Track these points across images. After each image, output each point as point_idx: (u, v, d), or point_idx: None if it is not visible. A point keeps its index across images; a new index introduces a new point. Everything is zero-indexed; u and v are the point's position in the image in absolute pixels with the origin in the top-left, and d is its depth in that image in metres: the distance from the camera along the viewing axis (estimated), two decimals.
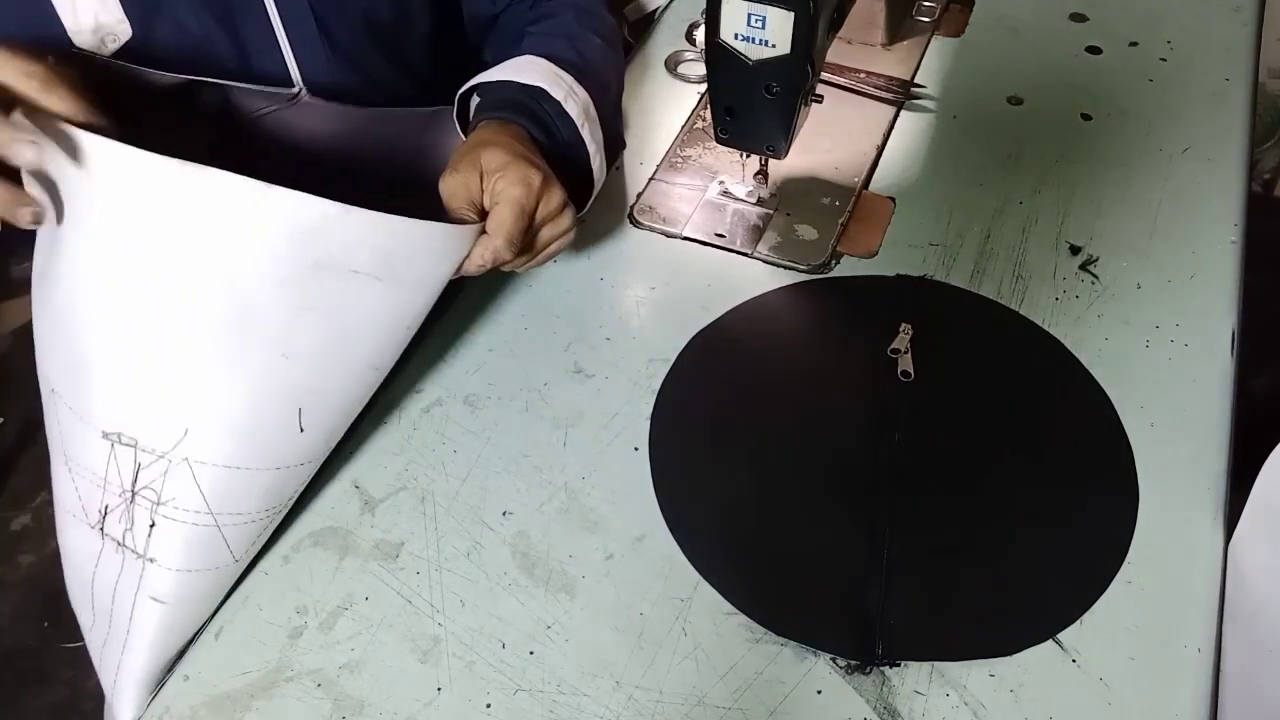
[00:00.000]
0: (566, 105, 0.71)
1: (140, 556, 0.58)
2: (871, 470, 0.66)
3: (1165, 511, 0.64)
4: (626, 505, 0.65)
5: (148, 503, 0.57)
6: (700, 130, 0.90)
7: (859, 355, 0.73)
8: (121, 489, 0.57)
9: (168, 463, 0.57)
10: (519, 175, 0.63)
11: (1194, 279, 0.77)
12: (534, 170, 0.64)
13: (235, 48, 0.68)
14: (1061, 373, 0.71)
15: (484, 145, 0.65)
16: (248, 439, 0.58)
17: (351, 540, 0.64)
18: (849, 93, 0.93)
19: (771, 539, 0.64)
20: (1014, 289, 0.77)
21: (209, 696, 0.58)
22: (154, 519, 0.57)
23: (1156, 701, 0.56)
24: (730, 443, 0.69)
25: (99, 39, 0.63)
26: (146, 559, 0.58)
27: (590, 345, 0.75)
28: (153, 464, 0.57)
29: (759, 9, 0.67)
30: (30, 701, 1.39)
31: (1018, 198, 0.84)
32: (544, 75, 0.72)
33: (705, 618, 0.60)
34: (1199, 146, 0.87)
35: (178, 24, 0.65)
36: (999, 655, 0.58)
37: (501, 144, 0.65)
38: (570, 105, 0.72)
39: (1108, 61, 0.96)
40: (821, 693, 0.57)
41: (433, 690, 0.58)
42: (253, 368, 0.57)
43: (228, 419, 0.57)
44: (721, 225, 0.82)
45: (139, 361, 0.55)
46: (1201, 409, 0.69)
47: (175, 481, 0.57)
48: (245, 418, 0.58)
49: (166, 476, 0.57)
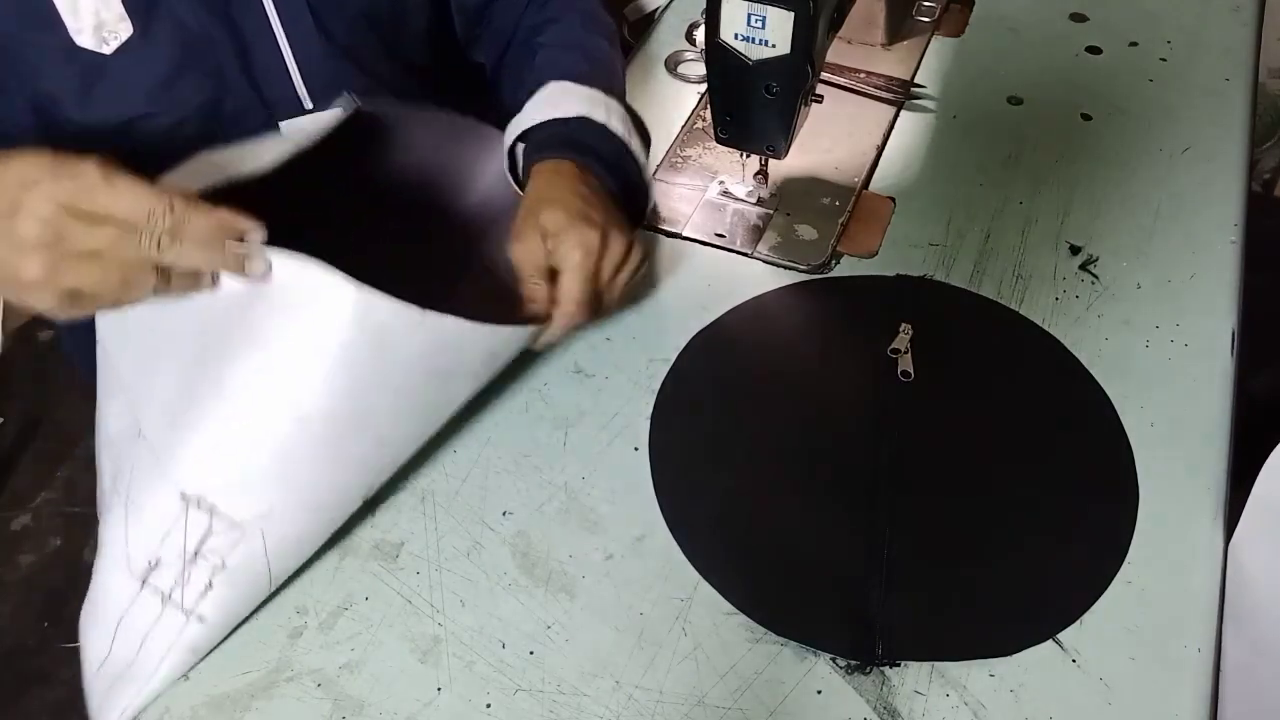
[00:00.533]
0: (610, 124, 0.72)
1: (187, 613, 0.57)
2: (871, 470, 0.66)
3: (1165, 511, 0.64)
4: (626, 505, 0.65)
5: (209, 565, 0.57)
6: (700, 130, 0.90)
7: (859, 355, 0.73)
8: (183, 549, 0.57)
9: (241, 532, 0.57)
10: (578, 240, 0.65)
11: (1194, 279, 0.77)
12: (592, 230, 0.65)
13: (233, 43, 0.68)
14: (1061, 373, 0.71)
15: (543, 204, 0.67)
16: (326, 515, 0.61)
17: (351, 540, 0.64)
18: (849, 93, 0.93)
19: (771, 539, 0.64)
20: (1014, 289, 0.77)
21: (209, 696, 0.58)
22: (212, 581, 0.57)
23: (1156, 701, 0.56)
24: (730, 442, 0.69)
25: (99, 37, 0.63)
26: (194, 615, 0.57)
27: (590, 345, 0.75)
28: (226, 531, 0.56)
29: (759, 9, 0.67)
30: (30, 702, 1.39)
31: (1018, 198, 0.84)
32: (581, 101, 0.73)
33: (705, 618, 0.60)
34: (1199, 146, 0.87)
35: (176, 20, 0.65)
36: (999, 655, 0.58)
37: (559, 200, 0.67)
38: (614, 123, 0.73)
39: (1108, 61, 0.96)
40: (821, 693, 0.57)
41: (433, 690, 0.58)
42: (351, 458, 0.59)
43: (313, 499, 0.59)
44: (721, 225, 0.82)
45: (245, 437, 0.56)
46: (1201, 409, 0.69)
47: (245, 550, 0.57)
48: (329, 499, 0.60)
49: (237, 546, 0.57)
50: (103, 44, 0.64)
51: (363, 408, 0.57)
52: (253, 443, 0.56)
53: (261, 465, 0.56)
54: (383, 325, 0.55)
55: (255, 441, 0.56)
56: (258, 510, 0.57)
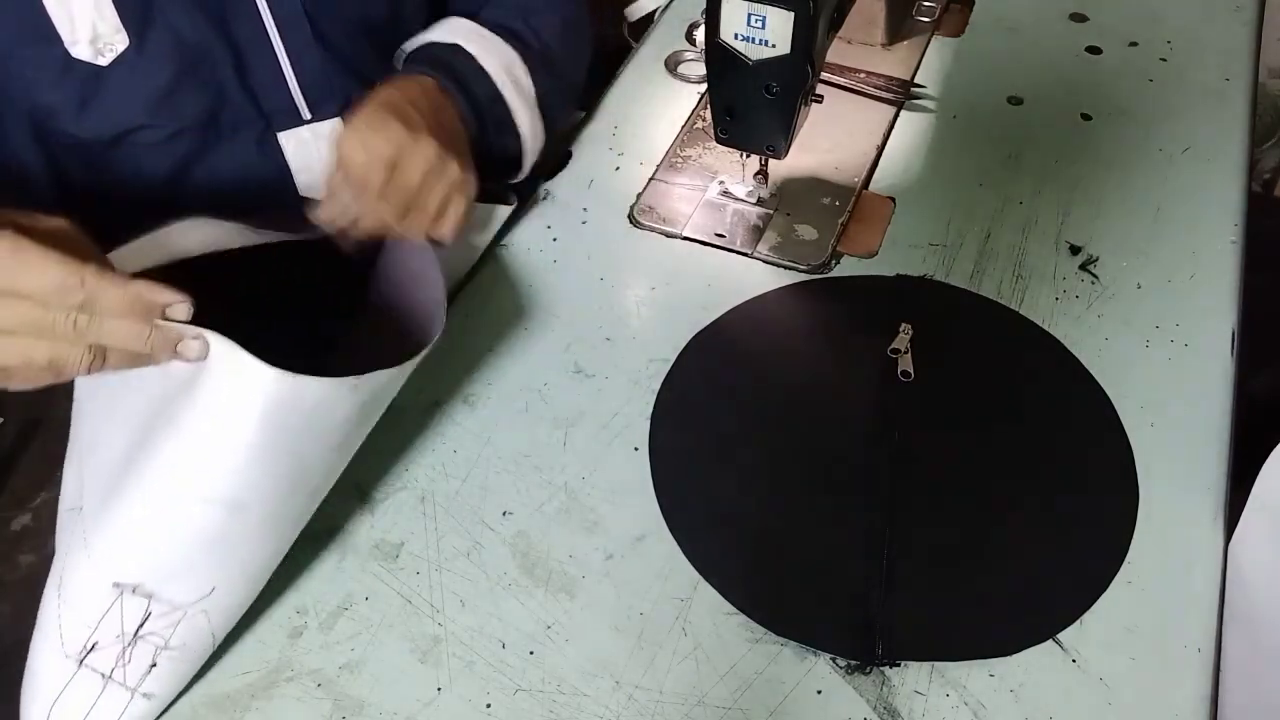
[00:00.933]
0: (484, 61, 0.72)
1: (131, 690, 0.55)
2: (871, 470, 0.66)
3: (1165, 511, 0.64)
4: (626, 505, 0.65)
5: (151, 647, 0.55)
6: (700, 130, 0.90)
7: (859, 355, 0.73)
8: (120, 633, 0.55)
9: (183, 613, 0.55)
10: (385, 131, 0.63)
11: (1194, 279, 0.77)
12: (403, 126, 0.63)
13: (230, 54, 0.67)
14: (1061, 373, 0.71)
15: (373, 100, 0.65)
16: (269, 572, 0.60)
17: (351, 540, 0.64)
18: (849, 93, 0.93)
19: (771, 539, 0.64)
20: (1014, 289, 0.77)
21: (209, 696, 0.58)
22: (156, 660, 0.55)
23: (1156, 701, 0.56)
24: (730, 442, 0.69)
25: (95, 49, 0.63)
26: (139, 693, 0.55)
27: (590, 345, 0.75)
28: (166, 614, 0.55)
29: (759, 9, 0.67)
30: None
31: (1018, 198, 0.84)
32: (463, 33, 0.73)
33: (705, 618, 0.60)
34: (1199, 146, 0.87)
35: (172, 31, 0.65)
36: (999, 655, 0.58)
37: (389, 100, 0.65)
38: (489, 61, 0.72)
39: (1108, 61, 0.96)
40: (821, 693, 0.57)
41: (433, 690, 0.58)
42: (288, 519, 0.58)
43: (255, 570, 0.58)
44: (721, 225, 0.82)
45: (179, 526, 0.54)
46: (1201, 409, 0.69)
47: (188, 626, 0.56)
48: (272, 561, 0.59)
49: (179, 625, 0.55)
50: (99, 56, 0.63)
51: (297, 477, 0.56)
52: (188, 531, 0.54)
53: (198, 553, 0.54)
54: (316, 403, 0.53)
55: (191, 530, 0.54)
56: (200, 592, 0.55)
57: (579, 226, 0.83)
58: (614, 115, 0.93)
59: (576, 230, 0.83)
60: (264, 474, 0.54)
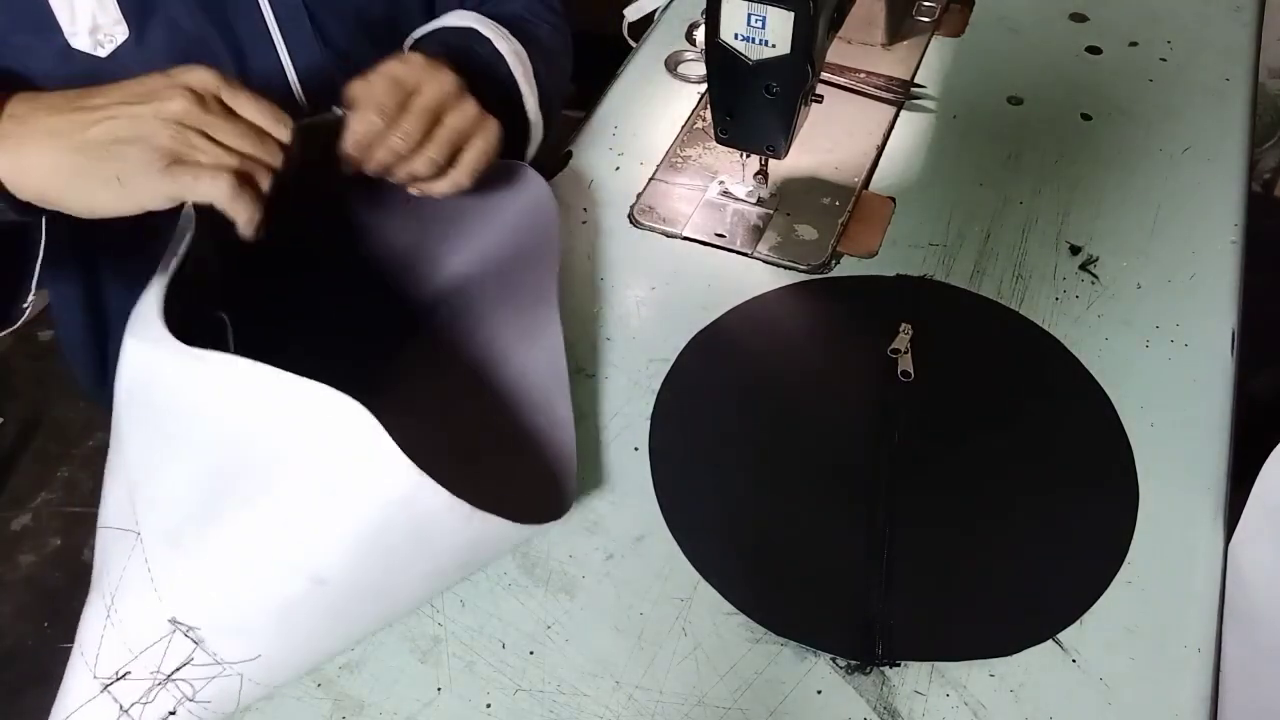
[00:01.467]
0: (498, 44, 0.72)
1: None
2: (871, 470, 0.66)
3: (1165, 511, 0.64)
4: (626, 505, 0.65)
5: (179, 693, 0.54)
6: (700, 130, 0.90)
7: (859, 355, 0.73)
8: (156, 670, 0.53)
9: (220, 670, 0.54)
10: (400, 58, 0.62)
11: (1194, 279, 0.77)
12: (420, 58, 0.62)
13: (230, 47, 0.67)
14: (1061, 373, 0.71)
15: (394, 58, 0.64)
16: (311, 666, 0.58)
17: None
18: (849, 93, 0.93)
19: (771, 539, 0.64)
20: (1014, 289, 0.77)
21: None
22: (176, 709, 0.54)
23: (1156, 701, 0.56)
24: (730, 442, 0.69)
25: (95, 40, 0.63)
26: None
27: (590, 345, 0.75)
28: (206, 665, 0.53)
29: (759, 9, 0.67)
30: (30, 701, 1.39)
31: (1018, 198, 0.84)
32: (475, 19, 0.73)
33: (705, 618, 0.60)
34: (1199, 146, 0.87)
35: (172, 23, 0.65)
36: (999, 655, 0.58)
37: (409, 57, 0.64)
38: (502, 44, 0.72)
39: (1108, 61, 0.96)
40: (821, 693, 0.57)
41: (433, 690, 0.58)
42: (354, 622, 0.56)
43: (305, 655, 0.56)
44: (721, 225, 0.82)
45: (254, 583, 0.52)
46: (1201, 409, 0.69)
47: (219, 686, 0.54)
48: (321, 656, 0.58)
49: (213, 681, 0.54)
50: (98, 47, 0.63)
51: (383, 584, 0.54)
52: (261, 592, 0.52)
53: (263, 615, 0.53)
54: (429, 513, 0.51)
55: (264, 591, 0.52)
56: (246, 655, 0.54)
57: (579, 226, 0.83)
58: (614, 115, 0.93)
59: (576, 230, 0.83)
60: (357, 563, 0.52)
